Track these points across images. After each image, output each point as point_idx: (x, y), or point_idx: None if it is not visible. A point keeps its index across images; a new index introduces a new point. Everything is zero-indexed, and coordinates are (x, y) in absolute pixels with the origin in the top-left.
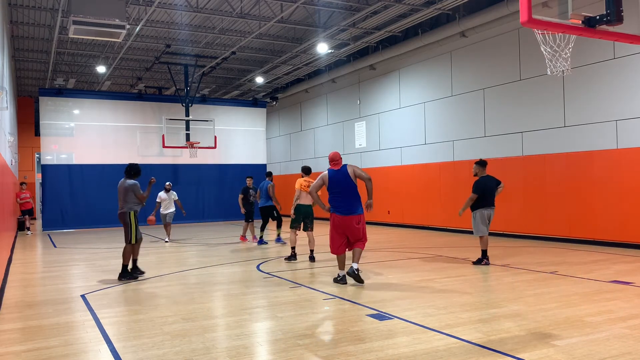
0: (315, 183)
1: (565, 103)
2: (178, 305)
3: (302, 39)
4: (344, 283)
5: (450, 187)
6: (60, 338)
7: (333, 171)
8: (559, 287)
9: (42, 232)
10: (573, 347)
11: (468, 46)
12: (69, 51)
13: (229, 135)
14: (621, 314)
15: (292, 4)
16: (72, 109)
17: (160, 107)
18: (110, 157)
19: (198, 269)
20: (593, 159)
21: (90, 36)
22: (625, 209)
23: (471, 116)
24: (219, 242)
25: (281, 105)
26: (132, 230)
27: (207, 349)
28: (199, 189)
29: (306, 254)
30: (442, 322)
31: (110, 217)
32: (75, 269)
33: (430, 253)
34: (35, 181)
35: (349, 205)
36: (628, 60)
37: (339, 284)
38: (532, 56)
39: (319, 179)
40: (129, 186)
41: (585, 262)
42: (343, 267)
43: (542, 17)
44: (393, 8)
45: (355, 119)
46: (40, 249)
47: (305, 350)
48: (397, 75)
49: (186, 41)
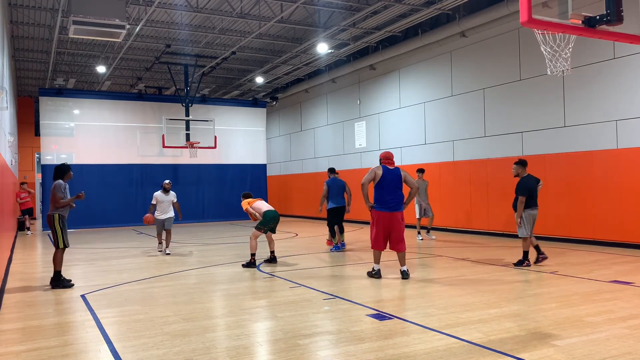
0: (367, 177)
1: (565, 103)
2: (178, 305)
3: (302, 39)
4: (379, 277)
5: (450, 187)
6: (60, 338)
7: (387, 168)
8: (559, 287)
9: (42, 232)
10: (573, 347)
11: (468, 46)
12: (69, 51)
13: (229, 135)
14: (621, 314)
15: (292, 4)
16: (72, 109)
17: (160, 107)
18: (110, 157)
19: (198, 269)
20: (593, 159)
21: (90, 36)
22: (625, 209)
23: (471, 116)
24: (219, 242)
25: (281, 105)
26: (59, 235)
27: (207, 349)
28: (199, 189)
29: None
30: (442, 322)
31: (110, 217)
32: (75, 269)
33: (431, 253)
34: (35, 181)
35: (398, 201)
36: (628, 60)
37: (373, 277)
38: (532, 56)
39: (371, 173)
40: (52, 187)
41: (585, 262)
42: (379, 261)
43: (542, 17)
44: (393, 8)
45: (355, 119)
46: (40, 249)
47: (305, 350)
48: (397, 75)
49: (186, 41)
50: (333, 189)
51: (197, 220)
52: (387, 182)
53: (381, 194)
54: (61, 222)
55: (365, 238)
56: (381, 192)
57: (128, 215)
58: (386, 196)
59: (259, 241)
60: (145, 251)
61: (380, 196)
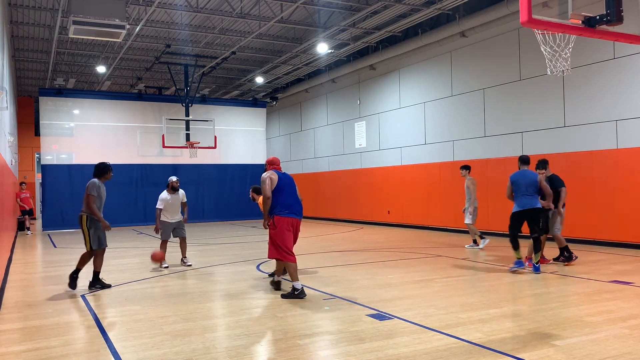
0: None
1: (565, 103)
2: (178, 305)
3: (302, 39)
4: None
5: (450, 187)
6: (60, 338)
7: (280, 172)
8: (559, 287)
9: (42, 232)
10: (573, 347)
11: (468, 46)
12: (69, 51)
13: (229, 135)
14: (621, 314)
15: (292, 4)
16: (72, 109)
17: (160, 107)
18: (110, 157)
19: (198, 269)
20: (593, 159)
21: (90, 36)
22: (625, 209)
23: (471, 116)
24: (219, 242)
25: (281, 105)
26: (86, 237)
27: (207, 349)
28: (199, 189)
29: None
30: (442, 322)
31: (110, 217)
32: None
33: (430, 253)
34: (35, 181)
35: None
36: (628, 60)
37: (297, 297)
38: (532, 56)
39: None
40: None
41: (585, 262)
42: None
43: (542, 17)
44: (393, 8)
45: (355, 119)
46: (40, 249)
47: (305, 350)
48: (397, 75)
49: (186, 41)
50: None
51: (197, 220)
52: (287, 185)
53: (283, 198)
54: (89, 223)
55: (364, 238)
56: (282, 196)
57: (128, 215)
58: (288, 200)
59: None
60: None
61: (283, 200)
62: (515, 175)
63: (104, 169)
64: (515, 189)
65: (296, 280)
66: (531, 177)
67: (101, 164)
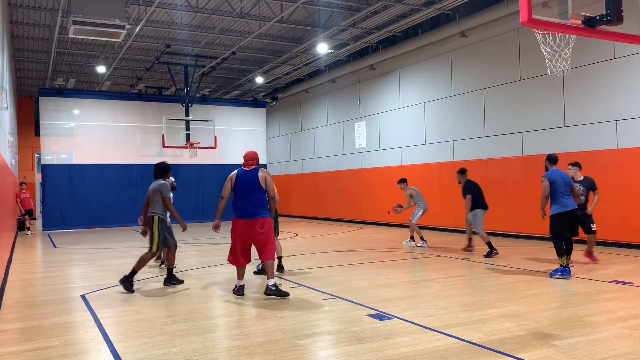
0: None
1: (565, 103)
2: (178, 305)
3: (302, 39)
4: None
5: (450, 187)
6: (60, 338)
7: (243, 171)
8: (559, 287)
9: (42, 232)
10: (573, 347)
11: (468, 46)
12: (69, 51)
13: (229, 135)
14: (621, 314)
15: (292, 4)
16: (72, 109)
17: (160, 107)
18: (110, 157)
19: (198, 269)
20: (593, 159)
21: (90, 36)
22: (625, 209)
23: (471, 116)
24: (219, 242)
25: (281, 105)
26: (154, 239)
27: (207, 349)
28: (199, 189)
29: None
30: (442, 322)
31: (110, 217)
32: (75, 269)
33: (430, 253)
34: (35, 181)
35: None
36: (628, 60)
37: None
38: (532, 56)
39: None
40: (156, 186)
41: (585, 262)
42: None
43: (542, 17)
44: (393, 8)
45: (355, 119)
46: (40, 249)
47: (305, 350)
48: (397, 75)
49: (186, 41)
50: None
51: (197, 220)
52: (240, 186)
53: (235, 200)
54: (160, 225)
55: (364, 238)
56: (235, 197)
57: (128, 215)
58: (237, 201)
59: None
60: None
61: (234, 202)
62: (552, 174)
63: (165, 169)
64: (556, 189)
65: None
66: (567, 177)
67: (162, 164)
